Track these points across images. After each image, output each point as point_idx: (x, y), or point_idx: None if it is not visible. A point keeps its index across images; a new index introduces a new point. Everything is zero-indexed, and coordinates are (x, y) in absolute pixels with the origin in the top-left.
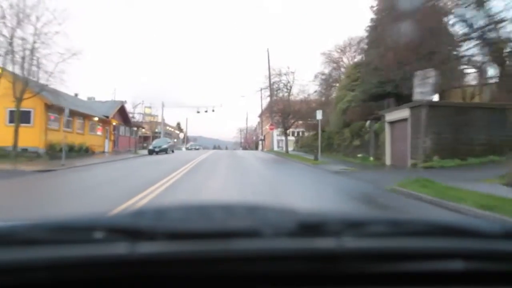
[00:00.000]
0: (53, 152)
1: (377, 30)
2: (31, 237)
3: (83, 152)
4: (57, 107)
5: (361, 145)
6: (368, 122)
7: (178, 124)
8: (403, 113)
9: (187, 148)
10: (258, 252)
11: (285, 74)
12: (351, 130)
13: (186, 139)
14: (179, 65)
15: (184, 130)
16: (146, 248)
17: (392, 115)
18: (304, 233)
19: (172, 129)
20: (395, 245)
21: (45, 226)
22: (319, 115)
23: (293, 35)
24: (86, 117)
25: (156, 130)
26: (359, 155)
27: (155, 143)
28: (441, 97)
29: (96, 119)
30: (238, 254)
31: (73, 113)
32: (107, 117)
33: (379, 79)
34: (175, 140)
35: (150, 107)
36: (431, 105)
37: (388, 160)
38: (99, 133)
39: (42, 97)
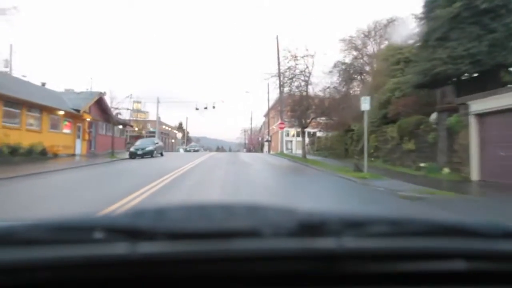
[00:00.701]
0: None
1: None
2: (31, 237)
3: (36, 155)
4: None
5: (417, 149)
6: (434, 116)
7: (180, 124)
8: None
9: (185, 150)
10: (258, 252)
11: (302, 57)
12: (400, 128)
13: (187, 139)
14: (179, 65)
15: (186, 130)
16: (146, 248)
17: (484, 103)
18: (304, 233)
19: (170, 129)
20: (395, 245)
21: (45, 226)
22: (365, 103)
23: (305, 24)
24: (44, 109)
25: (151, 129)
26: (422, 165)
27: (138, 144)
28: None
29: (61, 113)
30: (238, 254)
31: (24, 104)
32: (78, 111)
33: (450, 53)
34: (173, 140)
35: (139, 102)
36: None
37: (474, 174)
38: (66, 130)
39: None
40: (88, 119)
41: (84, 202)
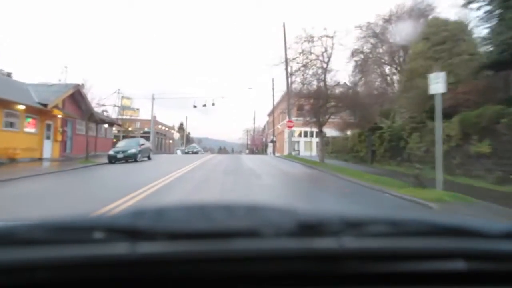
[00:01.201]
0: None
1: None
2: (31, 237)
3: None
4: None
5: (495, 153)
6: None
7: (181, 124)
8: None
9: (183, 152)
10: (258, 252)
11: (319, 38)
12: (464, 124)
13: (187, 140)
14: (179, 65)
15: (185, 130)
16: (146, 248)
17: None
18: (304, 233)
19: (167, 128)
20: (395, 245)
21: (45, 226)
22: (436, 82)
23: (311, 18)
24: None
25: (146, 129)
26: None
27: (120, 146)
28: None
29: (21, 107)
30: (238, 254)
31: None
32: (45, 105)
33: None
34: (171, 141)
35: (129, 98)
36: None
37: None
38: (29, 129)
39: None
40: (59, 116)
41: None
